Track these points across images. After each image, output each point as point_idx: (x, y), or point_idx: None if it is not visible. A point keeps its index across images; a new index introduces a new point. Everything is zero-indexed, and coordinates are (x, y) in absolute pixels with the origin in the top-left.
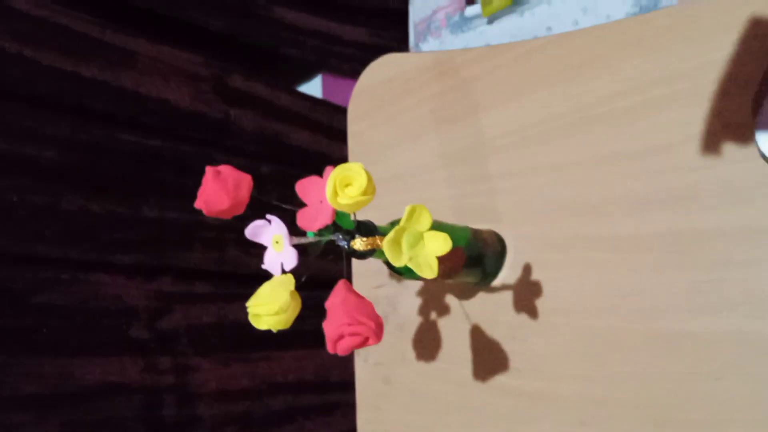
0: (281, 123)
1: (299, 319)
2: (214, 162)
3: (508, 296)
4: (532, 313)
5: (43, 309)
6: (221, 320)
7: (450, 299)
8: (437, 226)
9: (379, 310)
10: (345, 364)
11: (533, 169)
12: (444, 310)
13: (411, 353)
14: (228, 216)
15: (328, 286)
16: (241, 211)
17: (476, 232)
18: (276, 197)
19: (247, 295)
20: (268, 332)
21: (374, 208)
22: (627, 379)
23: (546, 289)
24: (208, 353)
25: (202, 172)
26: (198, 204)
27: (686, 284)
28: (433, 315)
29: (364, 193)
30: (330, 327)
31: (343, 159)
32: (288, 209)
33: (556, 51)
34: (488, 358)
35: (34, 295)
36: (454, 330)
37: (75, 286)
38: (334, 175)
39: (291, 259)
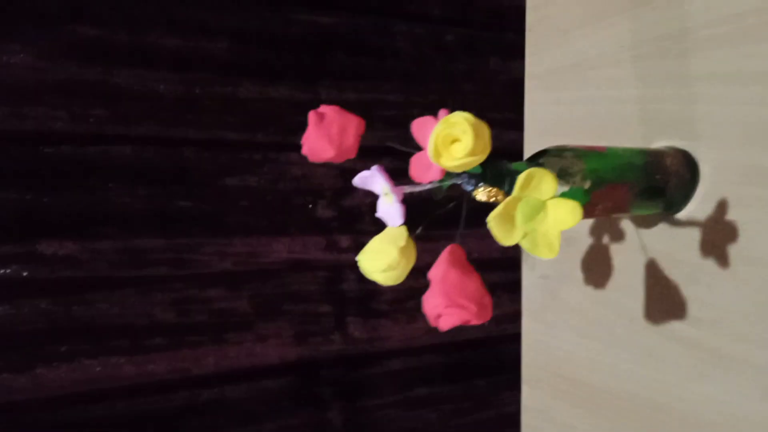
0: None
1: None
2: (393, 36)
3: (694, 233)
4: (722, 257)
5: (236, 190)
6: (406, 197)
7: (626, 224)
8: (606, 154)
9: None
10: None
11: (751, 75)
12: (618, 234)
13: (579, 273)
14: (339, 161)
15: None
16: (352, 155)
17: (656, 160)
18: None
19: None
20: (454, 211)
21: (544, 103)
22: None
23: (743, 231)
24: None
25: (379, 49)
26: (303, 151)
27: None
28: (606, 238)
29: (472, 153)
30: (428, 304)
31: None
32: (407, 151)
33: None
34: (664, 298)
35: (228, 176)
36: (627, 259)
37: (266, 166)
38: (436, 132)
39: (397, 216)
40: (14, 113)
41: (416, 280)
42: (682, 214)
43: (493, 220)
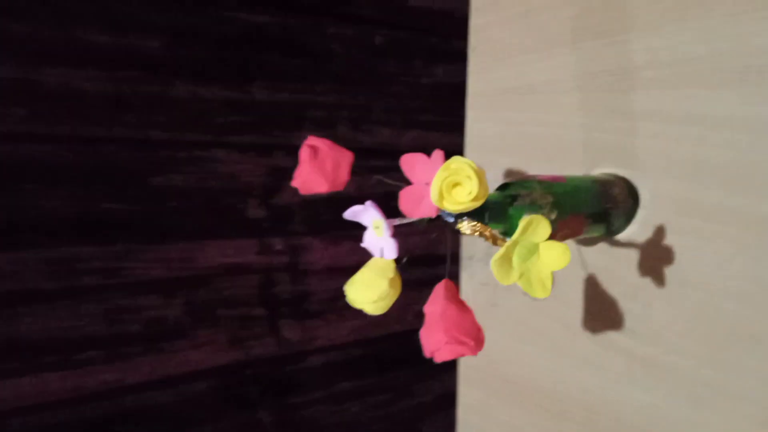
0: None
1: None
2: (325, 38)
3: (633, 254)
4: (658, 278)
5: (163, 190)
6: (334, 194)
7: (568, 240)
8: (567, 185)
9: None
10: (455, 242)
11: (687, 117)
12: None
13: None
14: (325, 192)
15: None
16: (340, 188)
17: (605, 189)
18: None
19: (360, 168)
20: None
21: (489, 120)
22: (748, 372)
23: (678, 256)
24: (319, 232)
25: (310, 50)
26: (294, 183)
27: None
28: None
29: (475, 198)
30: (428, 339)
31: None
32: (394, 185)
33: None
34: (602, 310)
35: (154, 175)
36: (565, 272)
37: (192, 165)
38: (440, 178)
39: (390, 250)
40: None
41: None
42: (622, 236)
43: (495, 263)
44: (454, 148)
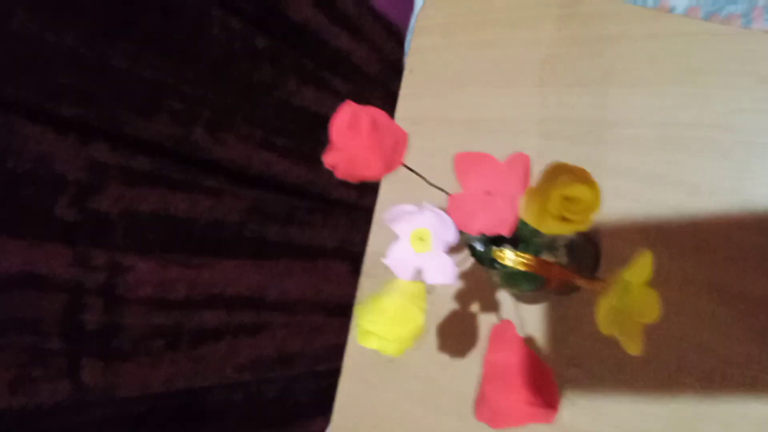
0: None
1: (240, 225)
2: (210, 18)
3: (572, 318)
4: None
5: None
6: (162, 210)
7: (503, 297)
8: None
9: None
10: (282, 281)
11: (660, 179)
12: (491, 305)
13: (431, 338)
14: (356, 181)
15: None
16: (387, 172)
17: (590, 240)
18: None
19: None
20: (211, 234)
21: (416, 151)
22: None
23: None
24: (144, 251)
25: (195, 22)
26: (330, 160)
27: None
28: (474, 306)
29: (588, 218)
30: (496, 399)
31: (343, 52)
32: (441, 190)
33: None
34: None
35: None
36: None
37: None
38: (555, 186)
39: (447, 272)
40: None
41: (167, 315)
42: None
43: (604, 306)
44: (305, 181)
